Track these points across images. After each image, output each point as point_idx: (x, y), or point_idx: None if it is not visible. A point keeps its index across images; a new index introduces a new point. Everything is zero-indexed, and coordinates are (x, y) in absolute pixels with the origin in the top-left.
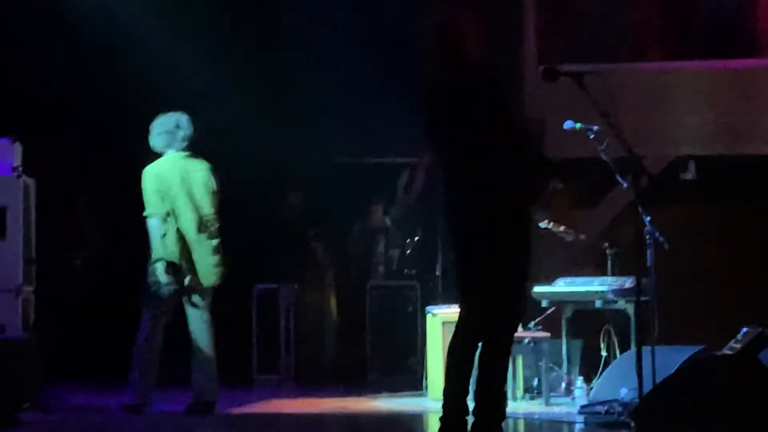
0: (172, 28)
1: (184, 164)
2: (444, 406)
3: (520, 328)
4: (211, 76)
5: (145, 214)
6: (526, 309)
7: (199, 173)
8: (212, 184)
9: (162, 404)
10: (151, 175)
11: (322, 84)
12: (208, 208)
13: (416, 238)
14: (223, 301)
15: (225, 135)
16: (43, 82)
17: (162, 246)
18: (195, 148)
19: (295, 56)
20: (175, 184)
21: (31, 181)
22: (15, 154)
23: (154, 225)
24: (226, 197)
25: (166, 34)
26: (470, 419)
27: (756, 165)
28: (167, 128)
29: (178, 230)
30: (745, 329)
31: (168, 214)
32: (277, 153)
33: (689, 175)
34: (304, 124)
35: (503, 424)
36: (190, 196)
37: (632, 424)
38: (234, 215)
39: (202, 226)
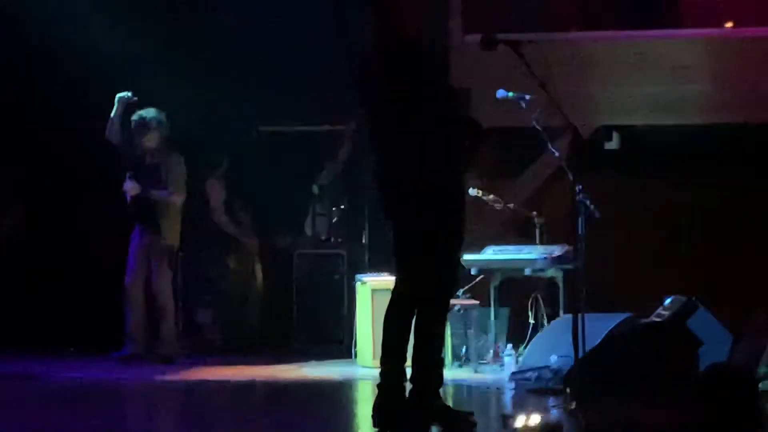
0: None
1: None
2: (382, 374)
3: None
4: (128, 45)
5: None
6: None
7: None
8: None
9: None
10: None
11: (245, 51)
12: None
13: (342, 207)
14: None
15: (144, 103)
16: None
17: None
18: None
19: (216, 21)
20: None
21: None
22: None
23: None
24: None
25: (87, 4)
26: (408, 386)
27: (679, 135)
28: None
29: None
30: (671, 297)
31: None
32: (198, 122)
33: (612, 144)
34: (226, 93)
35: (441, 390)
36: None
37: (566, 390)
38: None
39: None
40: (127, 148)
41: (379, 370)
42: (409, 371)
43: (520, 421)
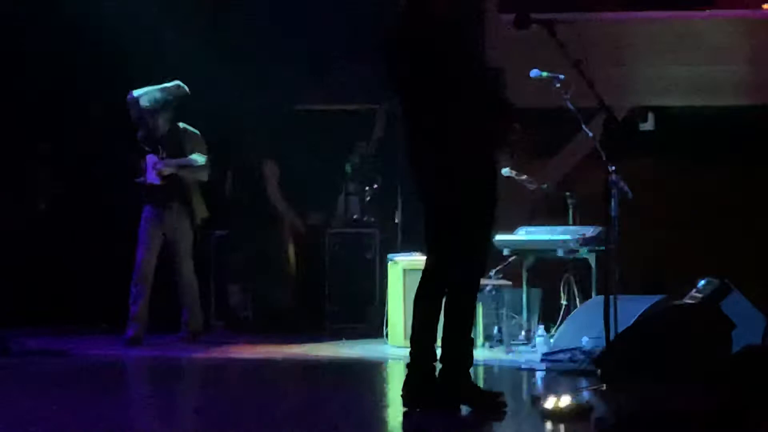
0: None
1: None
2: (412, 353)
3: None
4: (162, 24)
5: None
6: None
7: None
8: None
9: None
10: None
11: (278, 30)
12: None
13: (375, 186)
14: None
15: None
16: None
17: None
18: None
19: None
20: None
21: None
22: None
23: None
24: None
25: None
26: (438, 366)
27: (713, 116)
28: None
29: None
30: (704, 279)
31: None
32: (233, 101)
33: (648, 125)
34: (262, 72)
35: (470, 370)
36: None
37: (597, 372)
38: None
39: None
40: (145, 124)
41: (409, 349)
42: (439, 351)
43: (550, 403)
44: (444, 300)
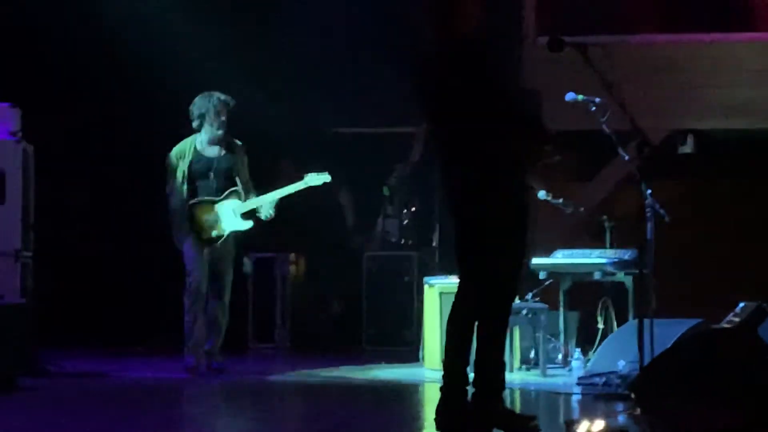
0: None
1: None
2: (444, 377)
3: (517, 299)
4: (203, 47)
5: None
6: (524, 279)
7: None
8: None
9: None
10: None
11: (317, 53)
12: None
13: (413, 209)
14: None
15: None
16: (45, 49)
17: None
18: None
19: (287, 23)
20: None
21: (30, 148)
22: (14, 118)
23: None
24: None
25: (160, 6)
26: (470, 390)
27: (754, 139)
28: None
29: None
30: (743, 303)
31: None
32: (270, 123)
33: (687, 148)
34: (299, 94)
35: (504, 394)
36: None
37: (631, 396)
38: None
39: None
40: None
41: (440, 373)
42: (471, 375)
43: (583, 427)
44: (476, 323)
